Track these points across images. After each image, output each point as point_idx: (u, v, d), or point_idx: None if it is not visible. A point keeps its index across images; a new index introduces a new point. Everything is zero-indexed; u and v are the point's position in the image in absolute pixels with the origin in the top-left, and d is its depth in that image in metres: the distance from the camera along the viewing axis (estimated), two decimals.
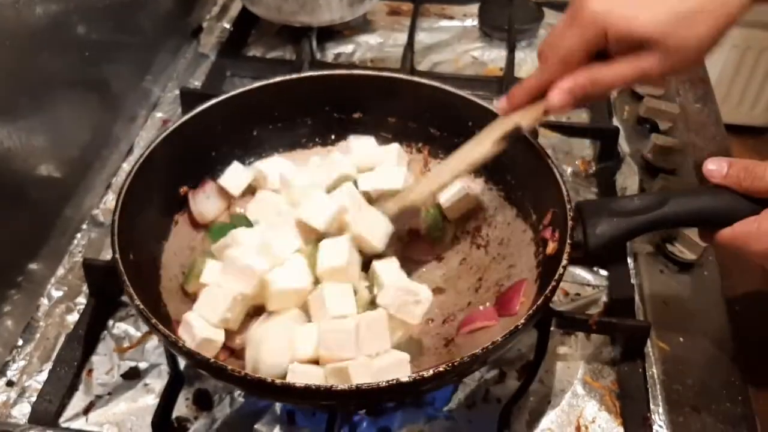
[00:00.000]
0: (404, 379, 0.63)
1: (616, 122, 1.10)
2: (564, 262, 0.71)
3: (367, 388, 0.62)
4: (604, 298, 0.90)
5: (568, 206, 0.75)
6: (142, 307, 0.68)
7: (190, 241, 0.86)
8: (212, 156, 0.90)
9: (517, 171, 0.86)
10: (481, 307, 0.79)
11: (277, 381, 0.64)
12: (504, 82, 1.17)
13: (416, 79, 0.93)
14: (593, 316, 0.82)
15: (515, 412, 0.78)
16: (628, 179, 1.01)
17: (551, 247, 0.77)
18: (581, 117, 1.15)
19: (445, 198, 0.89)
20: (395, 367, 0.68)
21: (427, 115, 0.93)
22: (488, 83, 1.18)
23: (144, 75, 1.13)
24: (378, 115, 0.94)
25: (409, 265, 0.85)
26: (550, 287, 0.69)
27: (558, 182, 0.77)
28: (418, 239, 0.89)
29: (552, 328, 0.81)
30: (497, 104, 0.82)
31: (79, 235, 0.96)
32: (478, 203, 0.90)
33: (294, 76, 0.93)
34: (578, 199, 1.01)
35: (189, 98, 1.07)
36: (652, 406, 0.79)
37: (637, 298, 0.89)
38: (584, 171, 1.06)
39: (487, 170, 0.90)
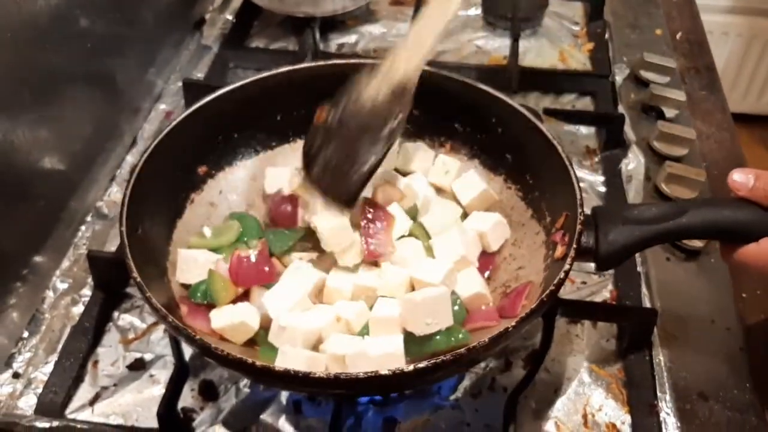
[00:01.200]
0: (384, 372, 0.62)
1: (621, 109, 1.09)
2: (566, 266, 0.69)
3: (345, 378, 0.62)
4: (611, 286, 0.90)
5: (579, 210, 0.73)
6: (139, 279, 0.67)
7: (205, 220, 0.86)
8: (234, 138, 0.90)
9: (536, 171, 0.85)
10: (483, 307, 0.78)
11: (258, 363, 0.63)
12: (508, 71, 1.16)
13: (434, 70, 0.88)
14: (599, 304, 0.81)
15: (521, 401, 0.78)
16: (634, 167, 1.01)
17: (560, 250, 0.75)
18: (587, 104, 1.15)
19: (465, 195, 0.88)
20: (390, 359, 0.67)
21: (451, 110, 0.91)
22: (492, 72, 1.17)
23: (147, 67, 1.12)
24: None
25: None
26: (547, 292, 0.68)
27: (573, 185, 0.76)
28: None
29: (558, 317, 0.80)
30: None
31: (83, 228, 0.96)
32: (496, 201, 0.88)
33: (313, 64, 0.93)
34: (581, 185, 1.00)
35: (192, 90, 1.07)
36: (659, 394, 0.79)
37: (643, 285, 0.88)
38: (590, 159, 1.06)
39: (506, 169, 0.89)
